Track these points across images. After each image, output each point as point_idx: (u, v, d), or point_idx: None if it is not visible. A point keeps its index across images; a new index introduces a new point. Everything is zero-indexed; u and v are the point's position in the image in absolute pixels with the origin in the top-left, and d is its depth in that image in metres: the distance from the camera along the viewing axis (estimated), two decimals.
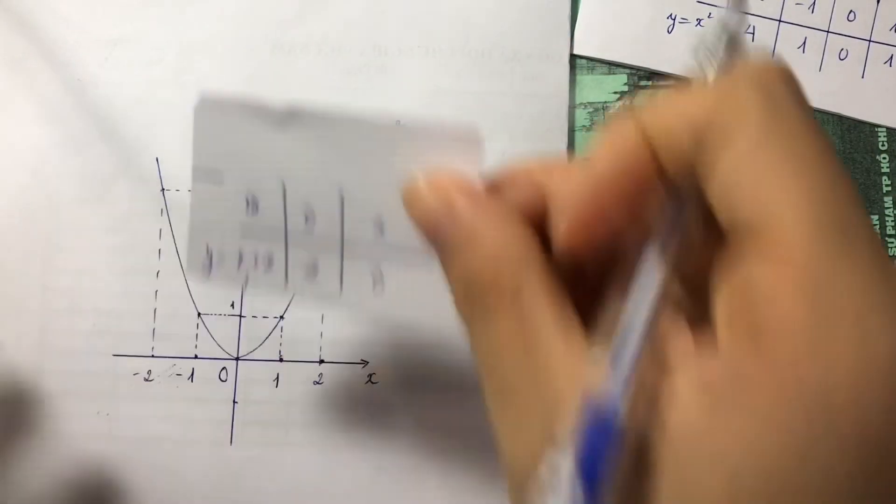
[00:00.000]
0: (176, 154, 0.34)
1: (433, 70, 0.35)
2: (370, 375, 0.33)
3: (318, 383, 0.33)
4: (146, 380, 0.33)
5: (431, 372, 0.33)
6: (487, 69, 0.35)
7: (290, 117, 0.23)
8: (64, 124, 0.34)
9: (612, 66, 0.36)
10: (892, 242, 0.35)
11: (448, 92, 0.35)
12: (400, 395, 0.33)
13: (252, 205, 0.25)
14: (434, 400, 0.33)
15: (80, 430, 0.33)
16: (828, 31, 0.35)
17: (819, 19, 0.35)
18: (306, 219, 0.24)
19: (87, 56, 0.35)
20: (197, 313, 0.34)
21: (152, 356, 0.33)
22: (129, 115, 0.34)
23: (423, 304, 0.23)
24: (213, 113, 0.24)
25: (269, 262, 0.25)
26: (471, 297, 0.19)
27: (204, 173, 0.25)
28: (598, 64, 0.36)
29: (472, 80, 0.35)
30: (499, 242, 0.19)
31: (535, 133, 0.35)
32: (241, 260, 0.25)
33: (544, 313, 0.18)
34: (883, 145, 0.35)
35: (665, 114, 0.18)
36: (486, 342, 0.19)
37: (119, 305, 0.34)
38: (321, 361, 0.33)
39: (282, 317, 0.34)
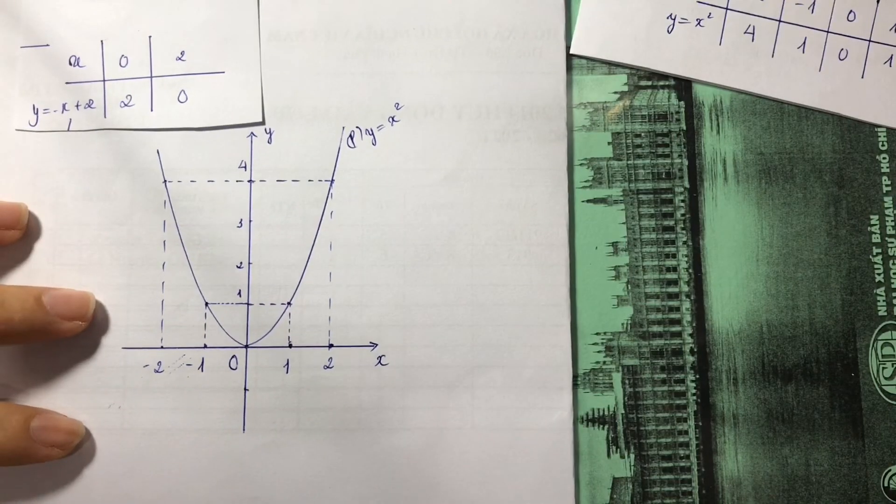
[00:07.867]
0: (177, 145, 0.34)
1: (430, 51, 0.35)
2: (380, 358, 0.34)
3: (328, 368, 0.34)
4: (156, 371, 0.33)
5: (441, 352, 0.33)
6: (484, 48, 0.35)
7: None
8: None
9: (612, 66, 0.36)
10: (892, 242, 0.35)
11: (446, 72, 0.35)
12: (410, 376, 0.33)
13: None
14: (444, 380, 0.33)
15: (92, 424, 0.33)
16: (828, 31, 0.35)
17: (819, 19, 0.35)
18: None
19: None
20: (204, 303, 0.34)
21: (161, 347, 0.33)
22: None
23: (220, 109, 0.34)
24: None
25: (90, 104, 0.33)
26: None
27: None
28: (598, 64, 0.36)
29: (469, 60, 0.35)
30: None
31: (535, 110, 0.35)
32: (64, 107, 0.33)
33: None
34: (883, 145, 0.35)
35: None
36: None
37: (126, 298, 0.34)
38: (330, 346, 0.34)
39: (289, 303, 0.34)
